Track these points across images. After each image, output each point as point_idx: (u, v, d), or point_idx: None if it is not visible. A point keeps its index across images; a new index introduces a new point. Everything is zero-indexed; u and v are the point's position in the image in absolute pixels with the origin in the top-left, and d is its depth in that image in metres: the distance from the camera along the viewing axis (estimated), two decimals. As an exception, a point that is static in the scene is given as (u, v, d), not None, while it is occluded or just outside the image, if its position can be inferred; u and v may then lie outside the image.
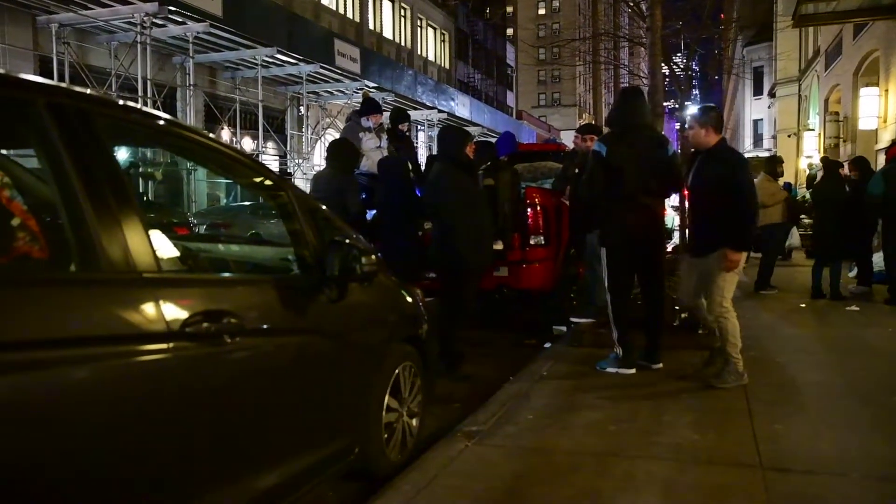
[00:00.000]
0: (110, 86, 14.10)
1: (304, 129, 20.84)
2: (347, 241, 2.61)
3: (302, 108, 20.77)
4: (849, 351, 5.47)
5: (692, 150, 4.72)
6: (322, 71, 19.30)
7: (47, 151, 1.64)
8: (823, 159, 9.39)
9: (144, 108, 2.10)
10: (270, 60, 17.86)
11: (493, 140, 7.74)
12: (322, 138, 21.68)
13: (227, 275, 2.82)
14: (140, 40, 14.07)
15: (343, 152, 5.46)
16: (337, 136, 22.47)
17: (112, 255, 1.68)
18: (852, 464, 3.00)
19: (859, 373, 4.76)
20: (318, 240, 2.60)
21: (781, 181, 9.81)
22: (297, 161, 20.07)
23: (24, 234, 1.72)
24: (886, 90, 13.51)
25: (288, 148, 20.48)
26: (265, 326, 2.25)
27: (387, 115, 7.99)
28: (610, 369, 4.70)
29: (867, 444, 3.27)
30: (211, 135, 2.36)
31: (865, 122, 14.42)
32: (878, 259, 8.64)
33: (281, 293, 2.38)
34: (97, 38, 15.10)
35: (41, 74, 12.17)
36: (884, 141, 13.41)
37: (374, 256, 2.80)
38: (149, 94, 14.22)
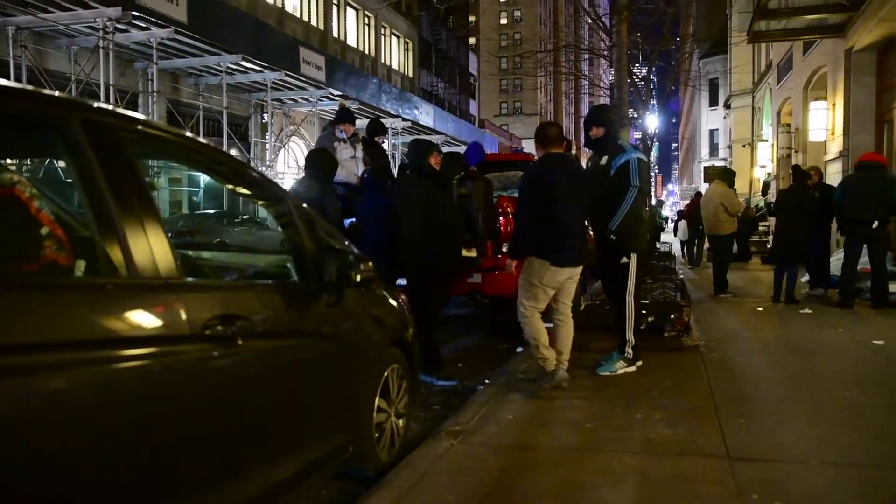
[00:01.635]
0: (70, 91, 13.85)
1: (267, 137, 20.76)
2: (343, 249, 2.74)
3: (266, 116, 20.70)
4: (804, 351, 5.78)
5: None
6: (287, 78, 19.27)
7: (81, 164, 1.74)
8: (794, 167, 9.78)
9: (165, 125, 2.20)
10: (235, 67, 17.77)
11: (460, 149, 7.93)
12: (286, 146, 21.62)
13: (237, 280, 2.94)
14: (102, 45, 13.86)
15: (322, 161, 5.57)
16: (301, 143, 22.25)
17: (140, 263, 1.79)
18: (811, 452, 3.24)
19: (814, 370, 5.08)
20: (315, 247, 2.72)
21: None
22: (260, 169, 19.99)
23: (52, 243, 1.81)
24: (833, 104, 14.10)
25: (251, 155, 20.38)
26: (271, 330, 2.36)
27: (360, 123, 8.09)
28: (620, 368, 4.88)
29: (823, 434, 3.52)
30: (228, 151, 2.48)
31: (815, 133, 15.01)
32: (832, 262, 9.10)
33: (284, 298, 2.50)
34: (57, 42, 14.79)
35: None
36: (832, 152, 14.01)
37: (369, 263, 2.94)
38: (111, 100, 14.02)
